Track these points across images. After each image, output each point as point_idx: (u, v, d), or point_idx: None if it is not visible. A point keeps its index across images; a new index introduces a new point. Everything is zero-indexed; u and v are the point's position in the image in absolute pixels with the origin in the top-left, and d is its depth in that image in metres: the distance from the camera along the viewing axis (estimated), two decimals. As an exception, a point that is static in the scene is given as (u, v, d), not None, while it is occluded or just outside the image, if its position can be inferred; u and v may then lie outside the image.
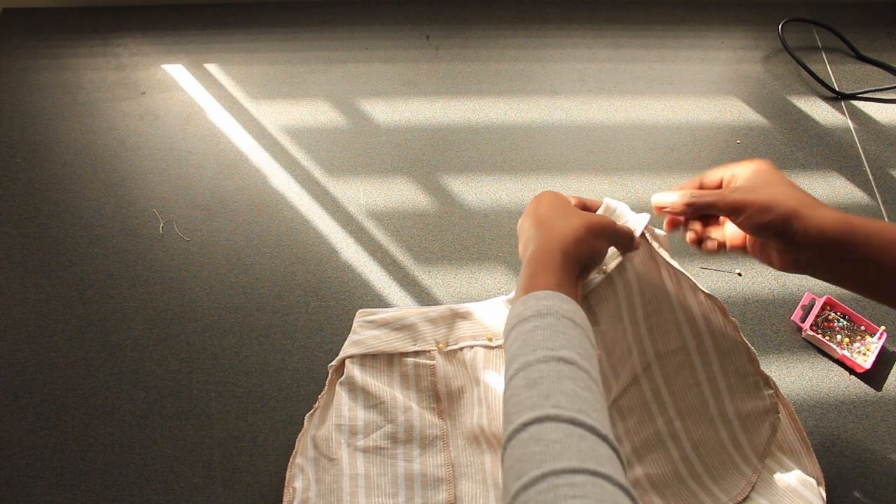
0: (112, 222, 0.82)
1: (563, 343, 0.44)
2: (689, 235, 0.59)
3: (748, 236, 0.56)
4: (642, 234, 0.60)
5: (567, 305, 0.47)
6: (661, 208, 0.58)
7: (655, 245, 0.61)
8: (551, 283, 0.49)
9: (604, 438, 0.40)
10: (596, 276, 0.61)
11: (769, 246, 0.54)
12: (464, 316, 0.73)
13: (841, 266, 0.51)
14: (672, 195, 0.57)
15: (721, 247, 0.58)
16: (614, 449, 0.40)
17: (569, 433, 0.39)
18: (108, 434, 0.69)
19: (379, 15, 1.01)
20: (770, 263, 0.55)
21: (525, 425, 0.40)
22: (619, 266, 0.61)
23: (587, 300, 0.61)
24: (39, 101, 0.91)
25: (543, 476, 0.37)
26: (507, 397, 0.44)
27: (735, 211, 0.52)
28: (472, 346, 0.71)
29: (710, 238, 0.58)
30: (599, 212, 0.60)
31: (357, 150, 0.88)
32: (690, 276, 0.62)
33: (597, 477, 0.37)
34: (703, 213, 0.56)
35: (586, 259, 0.52)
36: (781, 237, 0.51)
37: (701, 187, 0.58)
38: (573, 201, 0.59)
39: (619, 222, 0.59)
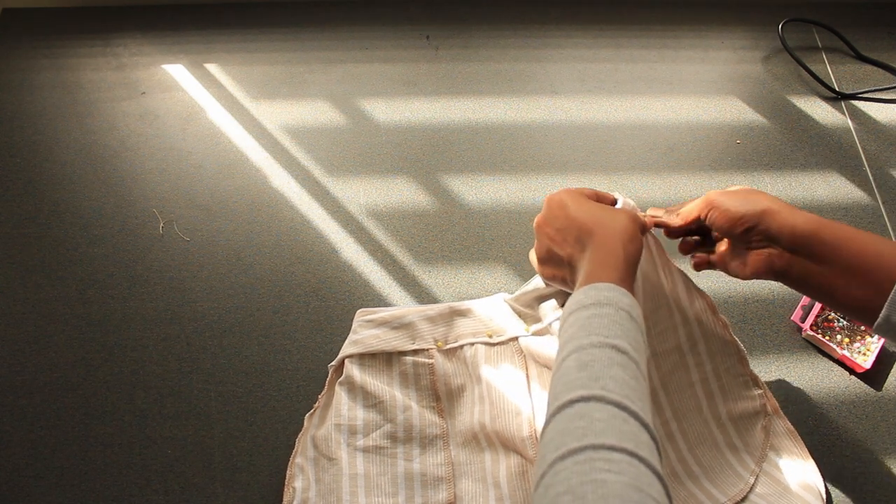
0: (112, 222, 0.82)
1: (619, 333, 0.45)
2: (696, 259, 0.63)
3: (719, 249, 0.59)
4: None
5: (627, 300, 0.48)
6: (656, 226, 0.62)
7: (652, 240, 0.61)
8: (614, 277, 0.49)
9: (645, 426, 0.40)
10: None
11: (741, 251, 0.56)
12: (463, 314, 0.73)
13: (810, 268, 0.52)
14: (660, 211, 0.63)
15: (706, 263, 0.62)
16: (654, 438, 0.40)
17: (613, 415, 0.40)
18: (108, 434, 0.69)
19: (379, 15, 1.01)
20: (742, 271, 0.57)
21: (572, 402, 0.41)
22: None
23: None
24: (39, 101, 0.91)
25: (583, 448, 0.38)
26: (557, 376, 0.45)
27: (712, 207, 0.56)
28: (472, 344, 0.71)
29: (698, 253, 0.63)
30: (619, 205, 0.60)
31: (357, 150, 0.88)
32: (685, 273, 0.63)
33: (634, 458, 0.38)
34: (687, 219, 0.59)
35: (637, 255, 0.53)
36: (754, 232, 0.54)
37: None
38: (590, 193, 0.60)
39: None
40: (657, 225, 0.62)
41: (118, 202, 0.83)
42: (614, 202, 0.60)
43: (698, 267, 0.63)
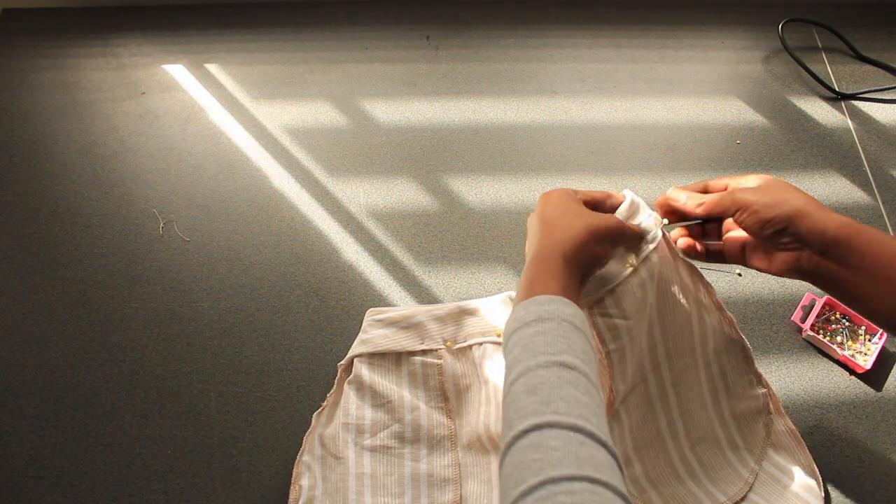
0: (112, 222, 0.82)
1: (564, 347, 0.44)
2: (684, 242, 0.60)
3: (745, 242, 0.57)
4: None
5: (568, 309, 0.47)
6: (671, 208, 0.59)
7: (668, 239, 0.60)
8: (553, 287, 0.48)
9: (603, 444, 0.40)
10: (624, 270, 0.60)
11: (768, 248, 0.55)
12: (472, 313, 0.73)
13: (838, 272, 0.51)
14: (682, 195, 0.59)
15: (714, 255, 0.60)
16: (613, 455, 0.40)
17: (568, 440, 0.39)
18: (108, 434, 0.69)
19: (379, 15, 1.01)
20: (767, 268, 0.56)
21: (525, 432, 0.40)
22: (645, 261, 0.60)
23: (615, 293, 0.60)
24: (39, 101, 0.91)
25: (542, 484, 0.37)
26: (507, 403, 0.44)
27: (740, 207, 0.53)
28: (481, 343, 0.71)
29: (703, 243, 0.60)
30: (623, 205, 0.58)
31: (357, 151, 0.88)
32: (696, 268, 0.62)
33: (595, 484, 0.37)
34: (710, 213, 0.57)
35: (587, 264, 0.52)
36: (784, 234, 0.52)
37: (705, 191, 0.59)
38: (583, 196, 0.58)
39: (638, 217, 0.59)
40: (672, 210, 0.59)
41: (118, 202, 0.83)
42: (614, 207, 0.59)
43: (687, 252, 0.61)
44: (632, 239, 0.57)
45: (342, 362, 0.70)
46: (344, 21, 1.01)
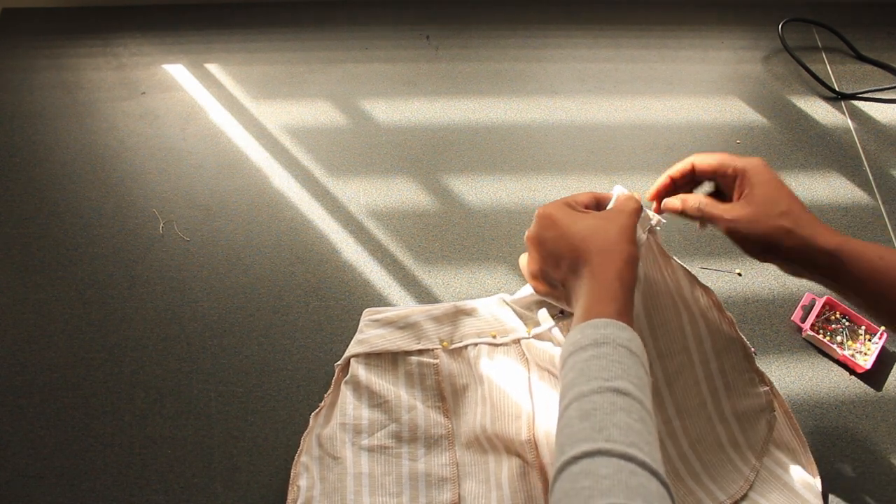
0: (112, 222, 0.82)
1: (619, 373, 0.44)
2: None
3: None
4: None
5: (624, 334, 0.47)
6: (666, 206, 0.59)
7: (653, 239, 0.61)
8: (611, 311, 0.48)
9: (654, 474, 0.40)
10: None
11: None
12: (468, 313, 0.73)
13: (837, 289, 0.52)
14: (675, 201, 0.58)
15: (695, 218, 0.57)
16: (664, 484, 0.40)
17: (619, 468, 0.39)
18: (108, 434, 0.69)
19: (379, 15, 1.01)
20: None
21: (576, 458, 0.40)
22: None
23: None
24: (39, 101, 0.91)
25: None
26: (560, 427, 0.44)
27: (728, 230, 0.53)
28: (476, 344, 0.71)
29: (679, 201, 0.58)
30: (612, 202, 0.58)
31: (357, 150, 0.88)
32: (689, 270, 0.62)
33: None
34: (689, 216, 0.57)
35: (636, 268, 0.52)
36: (775, 259, 0.52)
37: (692, 170, 0.58)
38: (587, 199, 0.57)
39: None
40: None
41: (118, 202, 0.83)
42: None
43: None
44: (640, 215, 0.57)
45: (339, 363, 0.70)
46: (344, 21, 1.01)
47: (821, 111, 0.94)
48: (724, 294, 0.78)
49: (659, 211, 0.60)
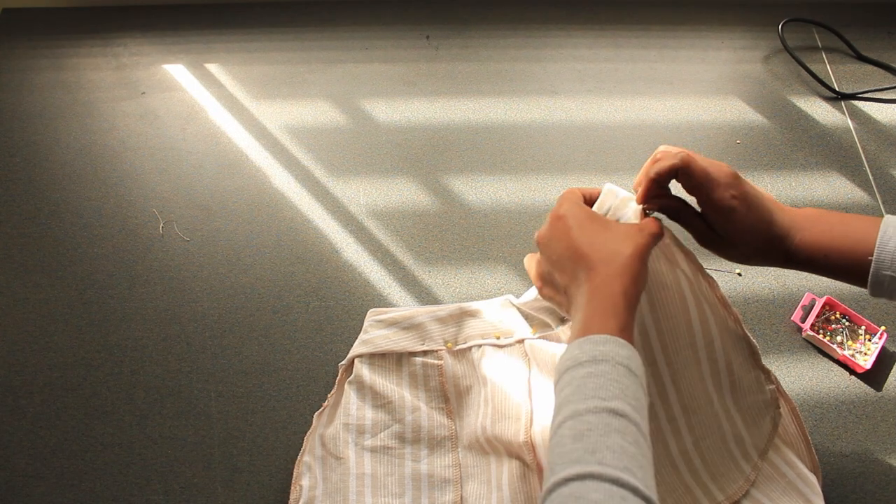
0: (112, 222, 0.82)
1: (616, 393, 0.43)
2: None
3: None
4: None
5: (624, 351, 0.46)
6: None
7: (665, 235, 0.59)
8: (612, 326, 0.47)
9: (646, 500, 0.39)
10: None
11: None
12: (473, 314, 0.73)
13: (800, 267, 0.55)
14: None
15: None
16: None
17: (610, 494, 0.38)
18: (108, 434, 0.69)
19: (379, 15, 1.01)
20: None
21: (567, 480, 0.39)
22: None
23: None
24: (39, 101, 0.91)
25: None
26: (552, 445, 0.43)
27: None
28: (480, 345, 0.71)
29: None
30: (601, 198, 0.57)
31: (357, 150, 0.88)
32: (699, 263, 0.61)
33: None
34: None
35: (643, 285, 0.51)
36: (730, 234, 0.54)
37: (659, 184, 0.57)
38: (580, 196, 0.56)
39: (624, 209, 0.57)
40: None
41: (118, 202, 0.83)
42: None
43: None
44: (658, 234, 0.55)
45: (343, 362, 0.70)
46: (344, 21, 1.01)
47: (821, 111, 0.94)
48: (725, 294, 0.78)
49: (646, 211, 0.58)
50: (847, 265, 0.52)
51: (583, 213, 0.54)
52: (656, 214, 0.58)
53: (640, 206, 0.56)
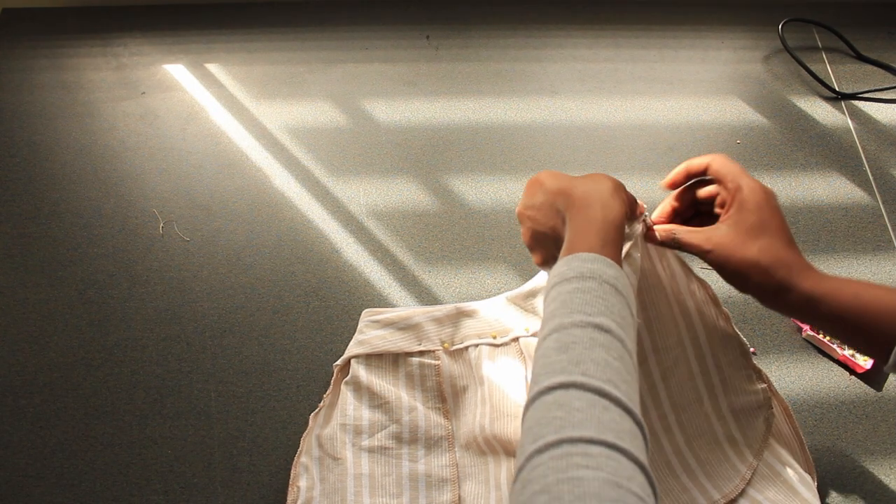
0: (112, 222, 0.82)
1: (602, 309, 0.43)
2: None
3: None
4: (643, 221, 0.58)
5: (611, 271, 0.46)
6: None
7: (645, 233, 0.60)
8: (595, 244, 0.47)
9: (628, 411, 0.39)
10: None
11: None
12: (469, 314, 0.73)
13: (801, 320, 0.53)
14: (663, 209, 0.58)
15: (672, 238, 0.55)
16: (638, 423, 0.39)
17: (593, 403, 0.38)
18: (108, 434, 0.69)
19: (379, 15, 1.01)
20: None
21: (550, 389, 0.40)
22: (627, 255, 0.59)
23: None
24: (39, 101, 0.91)
25: (559, 442, 0.37)
26: (537, 356, 0.43)
27: (711, 262, 0.51)
28: (476, 345, 0.71)
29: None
30: None
31: (357, 150, 0.88)
32: (685, 262, 0.62)
33: (613, 450, 0.36)
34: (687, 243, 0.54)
35: (624, 212, 0.51)
36: (744, 288, 0.51)
37: (687, 174, 0.58)
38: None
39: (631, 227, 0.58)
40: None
41: (118, 202, 0.83)
42: None
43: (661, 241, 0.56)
44: (633, 203, 0.56)
45: (338, 363, 0.70)
46: (344, 21, 1.01)
47: (821, 111, 0.94)
48: (724, 294, 0.78)
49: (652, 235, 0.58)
50: (872, 334, 0.47)
51: (556, 172, 0.56)
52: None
53: (643, 227, 0.57)
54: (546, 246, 0.54)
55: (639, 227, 0.57)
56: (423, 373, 0.69)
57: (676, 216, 0.58)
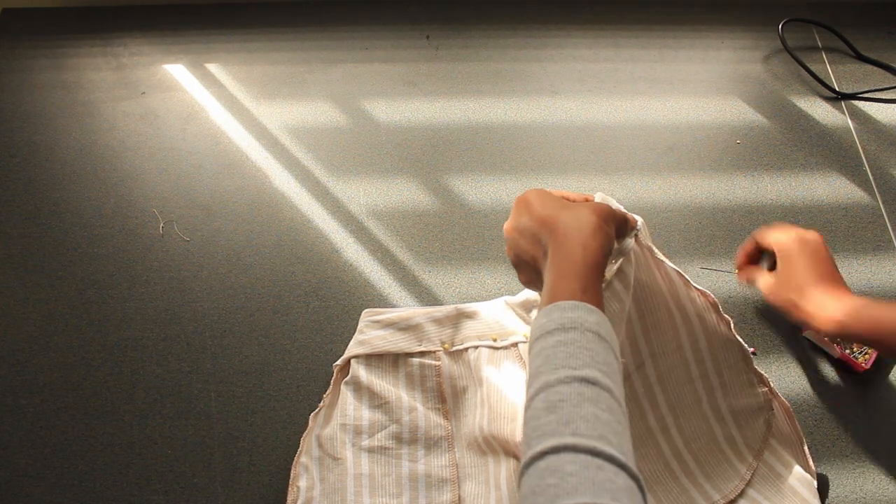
0: (112, 222, 0.82)
1: (587, 360, 0.43)
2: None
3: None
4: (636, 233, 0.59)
5: (592, 317, 0.45)
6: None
7: (642, 244, 0.60)
8: (575, 289, 0.47)
9: (622, 467, 0.39)
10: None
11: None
12: (470, 315, 0.73)
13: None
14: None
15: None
16: (634, 478, 0.39)
17: (586, 464, 0.38)
18: (108, 434, 0.69)
19: (379, 15, 1.01)
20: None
21: (543, 454, 0.39)
22: (618, 272, 0.60)
23: None
24: (39, 101, 0.91)
25: None
26: (527, 418, 0.43)
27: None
28: (476, 347, 0.71)
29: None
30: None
31: (357, 150, 0.88)
32: (682, 273, 0.62)
33: None
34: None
35: (606, 248, 0.50)
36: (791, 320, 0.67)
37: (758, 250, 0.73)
38: (560, 195, 0.57)
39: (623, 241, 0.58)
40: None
41: (118, 202, 0.83)
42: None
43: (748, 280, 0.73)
44: (622, 221, 0.56)
45: (338, 363, 0.70)
46: (344, 21, 1.01)
47: (821, 111, 0.94)
48: (724, 294, 0.78)
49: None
50: None
51: (544, 192, 0.55)
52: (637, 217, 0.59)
53: (634, 241, 0.59)
54: (527, 271, 0.55)
55: (630, 242, 0.57)
56: (423, 373, 0.69)
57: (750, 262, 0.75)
